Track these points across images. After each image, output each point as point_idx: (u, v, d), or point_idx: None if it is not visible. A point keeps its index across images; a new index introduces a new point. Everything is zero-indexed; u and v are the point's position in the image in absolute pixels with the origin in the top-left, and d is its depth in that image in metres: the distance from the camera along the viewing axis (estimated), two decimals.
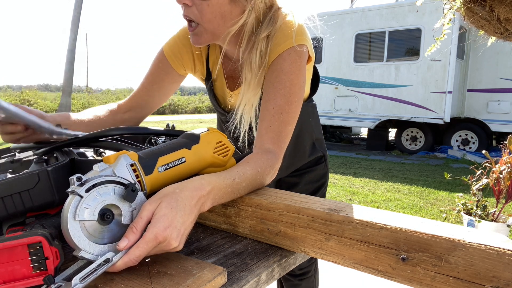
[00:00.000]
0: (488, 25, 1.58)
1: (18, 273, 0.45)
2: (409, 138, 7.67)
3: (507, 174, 2.76)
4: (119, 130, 0.69)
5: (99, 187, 0.49)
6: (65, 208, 0.47)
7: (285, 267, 0.63)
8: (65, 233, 0.46)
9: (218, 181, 0.60)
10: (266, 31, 0.82)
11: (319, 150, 1.16)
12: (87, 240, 0.47)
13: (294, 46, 0.82)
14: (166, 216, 0.49)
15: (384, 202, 4.13)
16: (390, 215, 0.57)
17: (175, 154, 0.60)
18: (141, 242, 0.48)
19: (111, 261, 0.47)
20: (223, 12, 0.79)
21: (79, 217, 0.47)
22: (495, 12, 1.49)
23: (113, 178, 0.50)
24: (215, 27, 0.81)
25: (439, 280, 0.48)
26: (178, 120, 17.16)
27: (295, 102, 0.81)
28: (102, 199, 0.49)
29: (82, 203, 0.47)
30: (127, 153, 0.54)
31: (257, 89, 0.86)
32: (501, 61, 6.69)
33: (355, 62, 7.61)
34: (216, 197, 0.60)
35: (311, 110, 1.13)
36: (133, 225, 0.49)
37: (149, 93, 1.03)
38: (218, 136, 0.68)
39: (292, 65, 0.81)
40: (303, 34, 0.84)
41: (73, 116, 0.96)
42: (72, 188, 0.48)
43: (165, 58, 1.01)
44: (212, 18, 0.79)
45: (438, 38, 2.17)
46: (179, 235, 0.51)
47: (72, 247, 0.47)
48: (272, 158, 0.74)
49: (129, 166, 0.53)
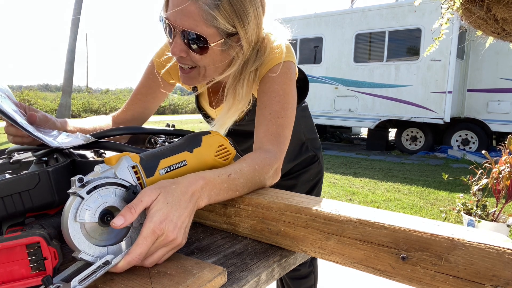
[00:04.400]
0: (486, 25, 1.58)
1: (17, 273, 0.45)
2: (409, 138, 7.67)
3: (506, 174, 2.76)
4: (120, 130, 0.69)
5: (100, 189, 0.48)
6: (66, 209, 0.47)
7: (285, 267, 0.63)
8: (65, 234, 0.46)
9: (212, 176, 0.60)
10: (255, 65, 0.85)
11: (311, 149, 1.19)
12: (87, 242, 0.47)
13: (284, 62, 0.85)
14: (161, 210, 0.50)
15: (384, 202, 4.13)
16: (390, 215, 0.56)
17: (176, 157, 0.60)
18: (140, 239, 0.48)
19: (110, 263, 0.47)
20: (215, 63, 0.83)
21: (79, 219, 0.46)
22: (492, 12, 1.49)
23: (114, 180, 0.50)
24: (208, 73, 0.85)
25: (439, 279, 0.48)
26: (178, 120, 17.16)
27: (290, 109, 0.83)
28: (103, 200, 0.49)
29: (83, 204, 0.47)
30: (129, 155, 0.54)
31: (234, 114, 0.89)
32: (501, 61, 6.69)
33: (355, 62, 7.61)
34: (212, 193, 0.59)
35: (301, 114, 1.16)
36: (132, 206, 0.49)
37: (144, 104, 1.06)
38: (220, 140, 0.68)
39: (283, 76, 0.85)
40: (290, 52, 0.89)
41: (74, 123, 0.95)
42: (74, 189, 0.48)
43: (154, 70, 1.03)
44: (206, 66, 0.83)
45: (436, 38, 2.17)
46: (176, 228, 0.51)
47: (72, 249, 0.47)
48: (271, 157, 0.74)
49: (130, 168, 0.53)
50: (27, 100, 17.41)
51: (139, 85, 1.05)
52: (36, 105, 17.34)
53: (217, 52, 0.80)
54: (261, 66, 0.86)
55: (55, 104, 17.51)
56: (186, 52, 0.80)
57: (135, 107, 1.05)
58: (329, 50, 7.89)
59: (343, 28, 7.64)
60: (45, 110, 17.23)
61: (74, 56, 13.52)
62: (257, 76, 0.87)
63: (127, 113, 1.05)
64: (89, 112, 19.69)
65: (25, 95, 17.84)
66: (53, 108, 17.42)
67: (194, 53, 0.79)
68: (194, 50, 0.79)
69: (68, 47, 13.44)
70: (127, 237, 0.50)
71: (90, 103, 20.61)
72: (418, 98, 6.97)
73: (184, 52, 0.80)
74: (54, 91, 40.77)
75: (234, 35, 0.78)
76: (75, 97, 20.87)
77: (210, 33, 0.76)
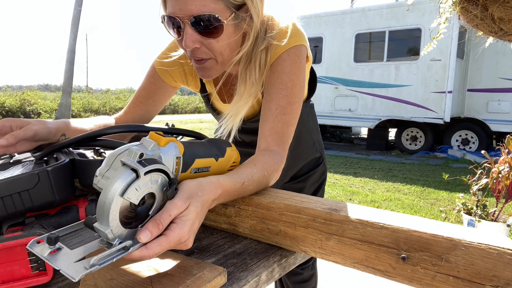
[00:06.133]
0: (483, 24, 1.58)
1: (17, 273, 0.45)
2: (409, 138, 7.67)
3: (505, 173, 2.76)
4: (119, 128, 0.69)
5: (153, 173, 0.46)
6: (115, 178, 0.43)
7: (285, 267, 0.63)
8: (104, 205, 0.42)
9: (229, 184, 0.61)
10: (264, 44, 0.83)
11: (318, 150, 1.17)
12: (117, 220, 0.43)
13: (293, 47, 0.82)
14: (191, 220, 0.50)
15: (384, 202, 4.12)
16: (390, 215, 0.56)
17: (206, 160, 0.60)
18: (165, 241, 0.47)
19: (128, 250, 0.44)
20: (230, 43, 0.79)
21: (127, 196, 0.43)
22: (488, 11, 1.48)
23: (165, 168, 0.47)
24: (225, 58, 0.81)
25: (439, 280, 0.48)
26: (178, 120, 17.16)
27: (296, 103, 0.82)
28: (151, 186, 0.46)
29: (136, 184, 0.43)
30: (177, 143, 0.52)
31: (248, 100, 0.86)
32: (501, 61, 6.69)
33: (355, 62, 7.61)
34: (222, 198, 0.61)
35: (310, 111, 1.14)
36: (160, 220, 0.47)
37: (145, 108, 1.04)
38: (236, 156, 0.69)
39: (292, 65, 0.82)
40: (300, 34, 0.85)
41: (76, 123, 0.93)
42: (132, 163, 0.43)
43: (156, 74, 1.01)
44: (222, 51, 0.79)
45: (434, 37, 2.17)
46: (194, 235, 0.52)
47: (99, 220, 0.43)
48: (278, 162, 0.75)
49: (175, 158, 0.51)
50: (27, 100, 17.40)
51: (140, 88, 1.04)
52: (36, 105, 17.32)
53: (231, 30, 0.77)
54: (270, 49, 0.83)
55: (55, 104, 17.49)
56: (200, 41, 0.76)
57: (136, 109, 1.04)
58: (329, 50, 7.88)
59: (343, 28, 7.64)
60: (45, 110, 17.22)
61: (74, 56, 13.52)
62: (268, 58, 0.83)
63: (128, 116, 1.04)
64: (89, 112, 19.69)
65: (25, 95, 17.82)
66: (53, 108, 17.40)
67: (209, 38, 0.76)
68: (208, 34, 0.75)
69: (68, 47, 13.43)
70: (143, 224, 0.47)
71: (90, 103, 20.59)
72: (418, 98, 6.97)
73: (198, 41, 0.76)
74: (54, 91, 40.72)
75: (242, 6, 0.76)
76: (75, 97, 20.84)
77: (220, 9, 0.72)
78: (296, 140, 1.07)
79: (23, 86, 37.87)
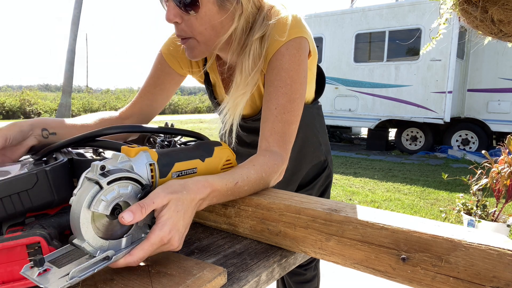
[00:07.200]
0: (483, 26, 1.58)
1: (17, 273, 0.45)
2: (409, 138, 7.67)
3: (505, 173, 2.76)
4: (117, 129, 0.68)
5: (119, 182, 0.47)
6: (81, 194, 0.45)
7: (285, 267, 0.63)
8: (74, 220, 0.44)
9: (220, 184, 0.60)
10: (260, 32, 0.80)
11: (324, 153, 1.13)
12: (93, 232, 0.45)
13: (292, 39, 0.80)
14: (172, 219, 0.50)
15: (384, 202, 4.12)
16: (390, 215, 0.56)
17: (189, 163, 0.60)
18: (146, 244, 0.48)
19: (110, 259, 0.46)
20: (213, 23, 0.77)
21: (94, 208, 0.45)
22: (488, 13, 1.48)
23: (133, 176, 0.49)
24: (207, 38, 0.80)
25: (439, 280, 0.48)
26: (178, 120, 17.16)
27: (297, 100, 0.79)
28: (119, 194, 0.47)
29: (101, 194, 0.45)
30: (148, 151, 0.53)
31: (245, 90, 0.84)
32: (501, 61, 6.69)
33: (355, 62, 7.61)
34: (214, 199, 0.60)
35: (316, 112, 1.09)
36: (144, 205, 0.47)
37: (153, 97, 1.02)
38: (229, 154, 0.69)
39: (291, 60, 0.80)
40: (300, 26, 0.82)
41: (74, 121, 0.91)
42: (94, 176, 0.45)
43: (163, 60, 1.00)
44: (203, 31, 0.78)
45: (434, 37, 2.17)
46: (180, 237, 0.51)
47: (75, 235, 0.45)
48: (279, 163, 0.74)
49: (148, 165, 0.52)
50: (27, 100, 17.40)
51: (148, 77, 1.02)
52: (36, 105, 17.33)
53: (213, 9, 0.75)
54: (266, 40, 0.81)
55: (55, 104, 17.50)
56: (180, 16, 0.76)
57: (143, 99, 1.02)
58: (329, 50, 7.88)
59: (343, 28, 7.64)
60: (45, 110, 17.23)
61: (74, 56, 13.51)
62: (263, 51, 0.81)
63: (135, 107, 1.02)
64: (89, 112, 19.68)
65: (25, 95, 17.83)
66: (53, 108, 17.41)
67: (188, 14, 0.75)
68: (186, 8, 0.74)
69: (68, 47, 13.42)
70: (128, 234, 0.49)
71: (90, 103, 20.62)
72: (418, 98, 6.97)
73: (179, 16, 0.76)
74: (54, 91, 40.73)
75: None
76: (75, 97, 20.87)
77: None
78: (302, 142, 1.05)
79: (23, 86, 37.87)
